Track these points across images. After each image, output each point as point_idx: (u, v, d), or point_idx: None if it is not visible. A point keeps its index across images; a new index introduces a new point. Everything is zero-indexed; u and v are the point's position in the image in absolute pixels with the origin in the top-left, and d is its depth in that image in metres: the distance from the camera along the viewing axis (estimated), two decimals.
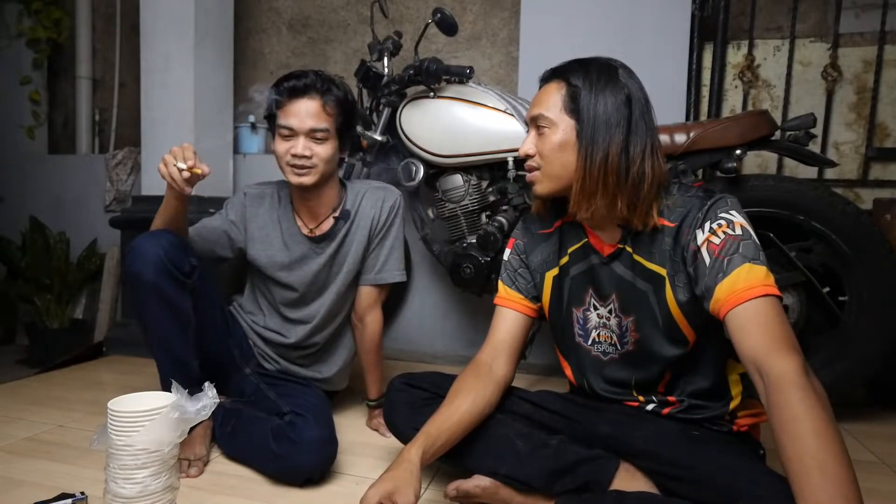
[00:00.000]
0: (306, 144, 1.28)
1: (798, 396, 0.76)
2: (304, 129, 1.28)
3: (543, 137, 1.00)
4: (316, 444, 1.15)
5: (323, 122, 1.28)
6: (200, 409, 1.01)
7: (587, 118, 0.95)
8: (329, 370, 1.50)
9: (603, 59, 1.00)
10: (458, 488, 1.03)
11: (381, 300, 1.49)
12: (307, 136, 1.28)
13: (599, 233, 1.05)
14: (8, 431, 1.42)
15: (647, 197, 0.95)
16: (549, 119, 0.99)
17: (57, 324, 2.56)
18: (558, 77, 1.00)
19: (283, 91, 1.29)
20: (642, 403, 1.07)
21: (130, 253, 1.19)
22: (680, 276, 0.96)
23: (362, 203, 1.43)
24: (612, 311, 1.05)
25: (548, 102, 1.00)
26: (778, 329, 0.83)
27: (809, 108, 1.94)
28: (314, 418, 1.20)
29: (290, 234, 1.41)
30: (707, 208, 0.94)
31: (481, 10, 2.34)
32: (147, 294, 1.18)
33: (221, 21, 2.38)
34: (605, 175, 0.95)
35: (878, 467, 1.34)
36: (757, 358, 0.82)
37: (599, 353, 1.08)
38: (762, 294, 0.85)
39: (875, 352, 1.51)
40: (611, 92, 0.95)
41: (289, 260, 1.41)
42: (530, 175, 1.05)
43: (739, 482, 0.85)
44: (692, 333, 0.99)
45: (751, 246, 0.90)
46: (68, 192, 2.83)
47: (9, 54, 2.88)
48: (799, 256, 1.56)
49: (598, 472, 0.98)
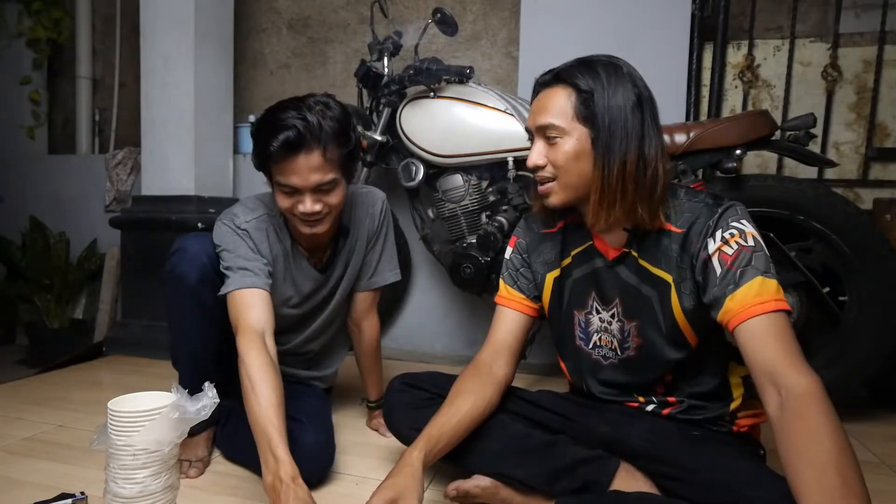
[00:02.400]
0: (314, 199, 1.13)
1: (820, 414, 0.77)
2: (308, 186, 1.11)
3: (555, 147, 0.95)
4: (313, 450, 1.14)
5: (329, 172, 1.12)
6: (200, 409, 1.01)
7: (602, 125, 0.91)
8: (327, 370, 1.50)
9: (605, 58, 0.96)
10: (458, 488, 1.03)
11: (377, 303, 1.47)
12: (313, 192, 1.13)
13: (605, 236, 1.03)
14: (8, 431, 1.42)
15: (660, 198, 0.94)
16: (561, 128, 0.94)
17: (57, 324, 2.56)
18: (563, 82, 0.95)
19: (273, 150, 1.08)
20: (642, 404, 1.07)
21: (176, 254, 1.18)
22: (686, 283, 0.95)
23: (355, 213, 1.35)
24: (615, 315, 1.04)
25: (555, 110, 0.94)
26: (792, 344, 0.83)
27: (809, 108, 1.94)
28: (311, 424, 1.19)
29: (298, 270, 1.31)
30: (718, 216, 0.92)
31: (481, 10, 2.34)
32: (186, 297, 1.18)
33: (221, 21, 2.38)
34: (624, 183, 0.92)
35: (878, 467, 1.34)
36: (775, 372, 0.81)
37: (599, 357, 1.08)
38: (773, 309, 0.85)
39: (875, 352, 1.51)
40: (622, 94, 0.92)
41: (298, 297, 1.33)
42: (544, 187, 0.99)
43: (739, 482, 0.85)
44: (695, 338, 0.98)
45: (762, 258, 0.89)
46: (68, 192, 2.83)
47: (9, 54, 2.88)
48: (799, 256, 1.56)
49: (597, 473, 0.98)
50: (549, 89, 0.97)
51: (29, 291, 2.55)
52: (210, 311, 1.20)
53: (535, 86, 1.01)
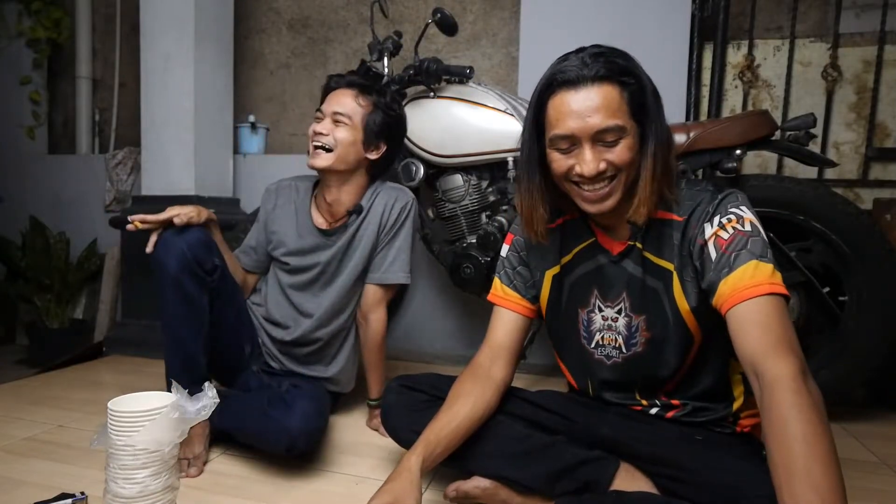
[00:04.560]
0: (326, 123, 1.37)
1: (789, 399, 0.74)
2: (329, 111, 1.38)
3: (617, 148, 0.89)
4: (307, 412, 1.19)
5: (347, 107, 1.37)
6: (200, 409, 1.01)
7: (651, 117, 0.91)
8: (332, 369, 1.50)
9: (618, 49, 0.92)
10: (458, 489, 1.03)
11: (387, 300, 1.50)
12: (331, 119, 1.37)
13: (609, 231, 1.02)
14: (8, 431, 1.42)
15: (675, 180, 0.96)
16: (623, 128, 0.89)
17: (57, 324, 2.56)
18: (607, 79, 0.88)
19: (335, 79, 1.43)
20: (646, 407, 1.06)
21: (158, 244, 1.27)
22: (688, 270, 0.94)
23: (375, 200, 1.45)
24: (622, 310, 1.02)
25: (611, 109, 0.88)
26: (778, 329, 0.81)
27: (809, 108, 1.94)
28: (308, 394, 1.28)
29: (303, 225, 1.45)
30: (717, 202, 0.92)
31: (481, 10, 2.34)
32: (168, 286, 1.24)
33: (221, 21, 2.38)
34: (666, 171, 0.92)
35: (878, 467, 1.34)
36: (754, 359, 0.80)
37: (602, 357, 1.06)
38: (766, 292, 0.83)
39: (875, 352, 1.51)
40: (648, 80, 0.92)
41: (298, 247, 1.44)
42: (601, 192, 0.92)
43: (742, 483, 0.85)
44: (699, 333, 0.97)
45: (759, 243, 0.88)
46: (68, 192, 2.83)
47: (9, 54, 2.88)
48: (799, 256, 1.56)
49: (598, 473, 0.98)
50: (588, 88, 0.88)
51: (29, 291, 2.55)
52: (193, 298, 1.26)
53: (557, 85, 0.91)
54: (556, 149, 0.93)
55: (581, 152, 0.91)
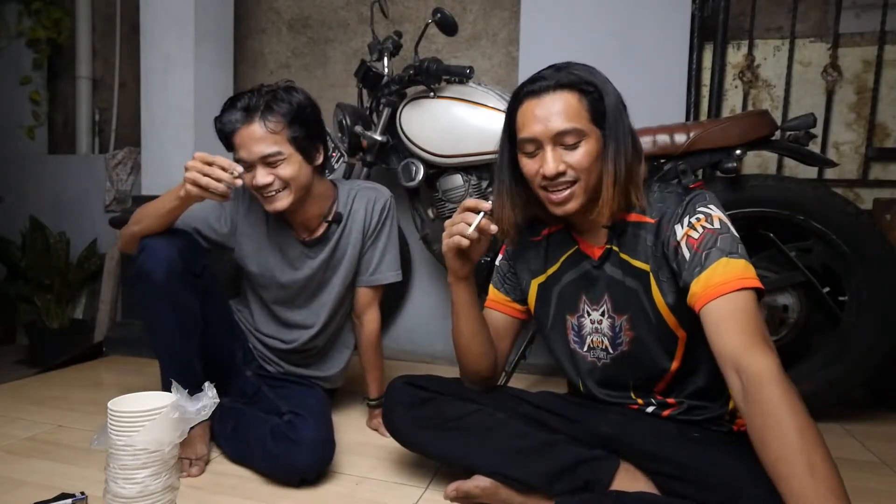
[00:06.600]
0: (264, 172, 1.22)
1: (778, 393, 0.77)
2: (254, 158, 1.21)
3: (576, 151, 0.96)
4: (313, 444, 1.15)
5: (272, 144, 1.20)
6: (200, 409, 1.01)
7: (612, 123, 0.96)
8: (331, 369, 1.50)
9: (582, 64, 0.99)
10: (458, 489, 1.03)
11: (379, 298, 1.49)
12: (262, 165, 1.22)
13: (587, 237, 1.06)
14: (8, 431, 1.42)
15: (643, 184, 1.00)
16: (582, 131, 0.95)
17: (57, 324, 2.56)
18: (567, 87, 0.96)
19: (224, 122, 1.22)
20: (642, 406, 1.07)
21: (143, 251, 1.17)
22: (664, 271, 0.97)
23: (354, 205, 1.40)
24: (605, 312, 1.05)
25: (570, 113, 0.95)
26: (752, 324, 0.84)
27: (809, 108, 1.94)
28: (313, 419, 1.20)
29: (283, 237, 1.38)
30: (686, 203, 0.96)
31: (481, 10, 2.34)
32: (156, 294, 1.17)
33: (221, 21, 2.38)
34: (630, 176, 0.96)
35: (878, 467, 1.34)
36: (733, 355, 0.82)
37: (595, 359, 1.09)
38: (738, 288, 0.86)
39: (875, 352, 1.51)
40: (613, 94, 0.97)
41: (279, 261, 1.38)
42: (563, 194, 0.98)
43: (740, 481, 0.85)
44: (682, 331, 0.99)
45: (728, 239, 0.91)
46: (68, 192, 2.83)
47: (9, 54, 2.88)
48: (799, 256, 1.56)
49: (597, 472, 0.98)
50: (551, 95, 0.96)
51: (29, 291, 2.55)
52: (184, 304, 1.19)
53: (524, 95, 0.99)
54: (525, 153, 1.01)
55: (544, 154, 0.97)
